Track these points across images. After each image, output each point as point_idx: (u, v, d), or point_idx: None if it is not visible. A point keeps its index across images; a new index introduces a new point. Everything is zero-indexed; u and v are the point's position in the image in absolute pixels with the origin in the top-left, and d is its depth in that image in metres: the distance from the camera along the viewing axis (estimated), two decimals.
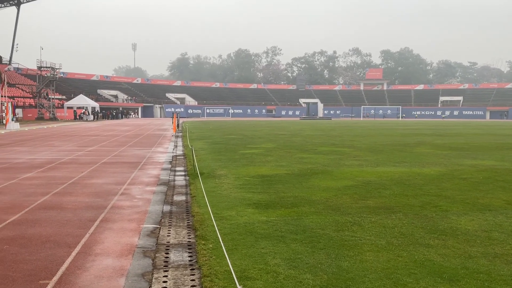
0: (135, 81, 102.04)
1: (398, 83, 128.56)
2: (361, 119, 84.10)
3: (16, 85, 65.34)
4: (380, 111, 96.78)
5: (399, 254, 4.44)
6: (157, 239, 5.05)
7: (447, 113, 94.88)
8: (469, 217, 5.95)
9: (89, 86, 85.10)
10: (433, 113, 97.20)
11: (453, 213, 6.15)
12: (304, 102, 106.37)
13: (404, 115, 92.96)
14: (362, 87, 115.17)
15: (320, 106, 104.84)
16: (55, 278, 3.87)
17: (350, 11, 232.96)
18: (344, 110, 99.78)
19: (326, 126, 41.87)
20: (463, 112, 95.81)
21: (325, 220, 5.73)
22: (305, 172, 10.07)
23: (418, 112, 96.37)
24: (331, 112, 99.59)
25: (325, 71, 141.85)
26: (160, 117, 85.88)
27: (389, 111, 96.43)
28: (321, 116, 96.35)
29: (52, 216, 6.09)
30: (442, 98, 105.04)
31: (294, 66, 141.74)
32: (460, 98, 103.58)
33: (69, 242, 4.91)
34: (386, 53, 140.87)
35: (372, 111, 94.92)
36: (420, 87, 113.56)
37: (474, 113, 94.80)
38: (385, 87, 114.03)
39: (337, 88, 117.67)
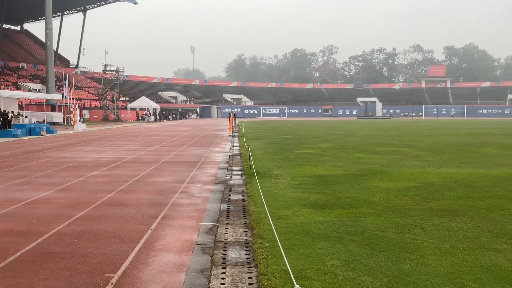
0: (193, 83, 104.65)
1: (463, 80, 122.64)
2: (423, 118, 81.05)
3: (83, 88, 69.02)
4: (444, 110, 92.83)
5: (464, 258, 4.24)
6: (215, 237, 5.14)
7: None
8: None
9: (150, 88, 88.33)
10: (500, 111, 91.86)
11: None
12: (361, 101, 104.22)
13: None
14: (423, 85, 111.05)
15: (379, 105, 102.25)
16: (119, 272, 4.05)
17: (411, 7, 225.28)
18: (404, 109, 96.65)
19: (385, 126, 40.76)
20: None
21: (384, 222, 5.59)
22: (363, 173, 9.87)
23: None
24: (390, 111, 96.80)
25: (384, 69, 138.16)
26: (217, 117, 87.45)
27: (453, 110, 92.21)
28: (380, 115, 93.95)
29: (116, 213, 6.38)
30: (510, 96, 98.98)
31: (351, 65, 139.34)
32: None
33: (132, 238, 5.12)
34: (450, 49, 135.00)
35: (435, 110, 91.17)
36: (487, 84, 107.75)
37: None
38: (448, 85, 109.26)
39: (396, 86, 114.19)
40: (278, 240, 4.43)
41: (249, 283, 3.77)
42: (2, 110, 31.36)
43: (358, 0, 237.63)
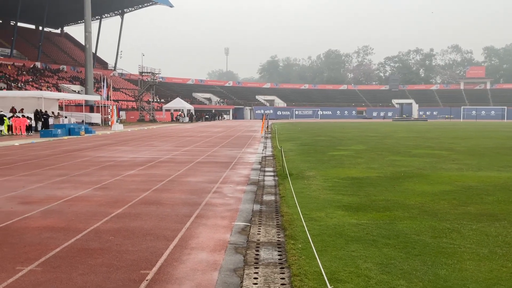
0: (227, 84, 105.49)
1: (503, 81, 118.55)
2: (461, 120, 78.77)
3: (120, 89, 70.77)
4: (483, 112, 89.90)
5: (503, 264, 4.10)
6: (247, 237, 5.17)
7: None
8: None
9: (185, 90, 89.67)
10: None
11: None
12: (397, 103, 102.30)
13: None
14: (462, 86, 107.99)
15: (415, 106, 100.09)
16: (155, 269, 4.13)
17: (448, 7, 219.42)
18: (442, 111, 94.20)
19: (421, 128, 39.84)
20: None
21: (420, 226, 5.47)
22: (398, 175, 9.68)
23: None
24: (427, 113, 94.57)
25: (421, 70, 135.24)
26: (250, 118, 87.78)
27: (492, 112, 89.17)
28: (416, 117, 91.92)
29: (152, 211, 6.51)
30: None
31: (386, 66, 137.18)
32: None
33: (167, 236, 5.21)
34: (490, 50, 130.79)
35: (474, 112, 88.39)
36: None
37: None
38: (488, 86, 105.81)
39: (434, 87, 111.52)
40: (311, 242, 4.41)
41: (281, 284, 3.77)
42: (43, 110, 32.56)
43: (395, 1, 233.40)
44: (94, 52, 64.31)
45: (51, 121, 33.71)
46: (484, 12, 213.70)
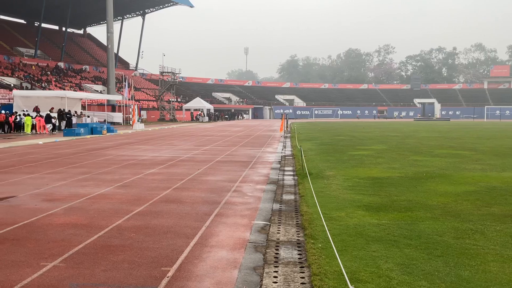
0: (246, 84, 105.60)
1: None
2: (485, 120, 77.19)
3: (141, 89, 71.56)
4: (507, 112, 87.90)
5: None
6: (267, 236, 5.18)
7: None
8: None
9: (204, 90, 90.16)
10: None
11: None
12: (419, 102, 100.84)
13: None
14: (485, 86, 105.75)
15: (437, 106, 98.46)
16: (175, 266, 4.17)
17: (471, 5, 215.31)
18: (465, 111, 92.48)
19: (444, 128, 39.20)
20: None
21: (443, 227, 5.38)
22: (420, 176, 9.55)
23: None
24: (450, 112, 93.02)
25: (443, 69, 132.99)
26: (270, 118, 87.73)
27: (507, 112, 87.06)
28: (438, 117, 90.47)
29: (172, 209, 6.57)
30: None
31: (408, 65, 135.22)
32: None
33: (187, 233, 5.25)
34: None
35: (497, 112, 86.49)
36: None
37: None
38: None
39: (456, 87, 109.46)
40: (331, 241, 4.39)
41: (301, 283, 3.76)
42: (66, 110, 33.18)
43: None
44: (116, 52, 65.14)
45: (74, 120, 34.33)
46: (509, 10, 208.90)
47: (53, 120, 30.28)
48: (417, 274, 3.84)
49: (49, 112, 30.46)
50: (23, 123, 30.02)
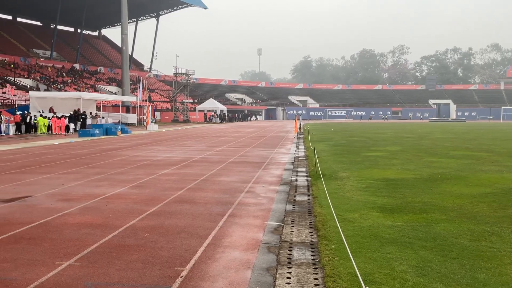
0: (259, 85, 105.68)
1: None
2: (501, 121, 76.05)
3: (155, 91, 72.07)
4: None
5: None
6: (280, 236, 5.16)
7: None
8: None
9: (218, 91, 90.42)
10: None
11: None
12: (434, 103, 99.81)
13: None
14: (502, 86, 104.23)
15: (453, 107, 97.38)
16: (189, 266, 4.18)
17: (487, 4, 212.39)
18: (481, 112, 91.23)
19: (459, 129, 38.73)
20: None
21: (458, 229, 5.31)
22: (435, 177, 9.44)
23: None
24: (465, 113, 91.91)
25: (459, 69, 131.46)
26: (283, 119, 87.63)
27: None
28: (454, 118, 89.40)
29: (186, 209, 6.60)
30: None
31: (423, 65, 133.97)
32: None
33: (200, 234, 5.27)
34: None
35: None
36: None
37: None
38: None
39: (472, 87, 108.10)
40: (345, 243, 4.36)
41: (314, 284, 3.74)
42: (81, 111, 33.57)
43: None
44: (130, 54, 65.77)
45: (89, 121, 34.71)
46: None
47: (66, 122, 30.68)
48: (432, 276, 3.79)
49: (71, 113, 30.97)
50: (34, 123, 30.44)
